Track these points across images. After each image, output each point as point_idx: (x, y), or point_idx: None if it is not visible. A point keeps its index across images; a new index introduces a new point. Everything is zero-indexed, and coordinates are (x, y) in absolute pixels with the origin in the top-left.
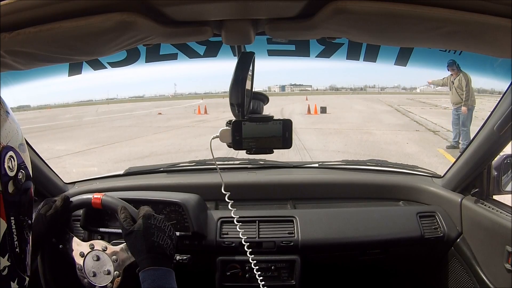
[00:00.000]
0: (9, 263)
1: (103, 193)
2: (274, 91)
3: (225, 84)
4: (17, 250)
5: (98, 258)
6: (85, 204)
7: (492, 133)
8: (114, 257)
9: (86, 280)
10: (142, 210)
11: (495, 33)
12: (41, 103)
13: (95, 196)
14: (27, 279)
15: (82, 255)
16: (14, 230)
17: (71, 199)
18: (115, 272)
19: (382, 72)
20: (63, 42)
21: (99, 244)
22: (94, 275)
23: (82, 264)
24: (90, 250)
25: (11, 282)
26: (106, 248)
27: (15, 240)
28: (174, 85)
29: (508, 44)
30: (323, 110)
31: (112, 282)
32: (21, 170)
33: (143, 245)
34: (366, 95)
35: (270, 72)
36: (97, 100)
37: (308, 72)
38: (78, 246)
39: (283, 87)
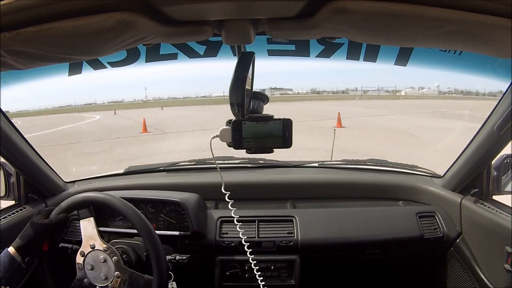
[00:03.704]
0: None
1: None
2: None
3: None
4: None
5: (98, 258)
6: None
7: (492, 133)
8: (115, 258)
9: (86, 280)
10: None
11: (495, 33)
12: (21, 109)
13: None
14: None
15: (82, 254)
16: None
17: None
18: (116, 272)
19: (362, 73)
20: (63, 41)
21: (99, 244)
22: (94, 274)
23: (82, 263)
24: (90, 250)
25: None
26: (108, 248)
27: None
28: (144, 89)
29: (508, 44)
30: None
31: (112, 282)
32: None
33: None
34: (386, 101)
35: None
36: (76, 106)
37: (288, 75)
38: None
39: (263, 91)
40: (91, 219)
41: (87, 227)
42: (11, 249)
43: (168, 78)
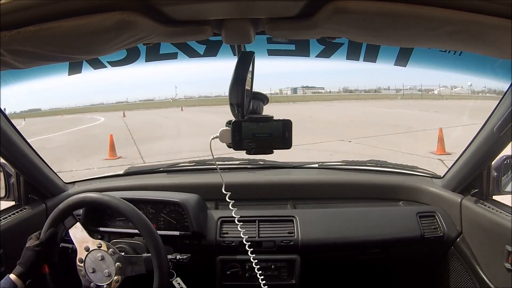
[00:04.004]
0: None
1: None
2: (286, 93)
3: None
4: None
5: (95, 258)
6: None
7: (492, 133)
8: (111, 250)
9: (92, 284)
10: None
11: (495, 33)
12: (53, 106)
13: None
14: None
15: (81, 261)
16: None
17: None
18: (117, 264)
19: (394, 71)
20: (63, 41)
21: (92, 243)
22: (98, 276)
23: (84, 269)
24: (86, 253)
25: None
26: (101, 244)
27: None
28: (174, 88)
29: (508, 44)
30: None
31: (116, 274)
32: None
33: None
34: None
35: (279, 74)
36: (107, 104)
37: (318, 74)
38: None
39: (295, 90)
40: (77, 224)
41: (76, 233)
42: (12, 276)
43: (198, 76)
